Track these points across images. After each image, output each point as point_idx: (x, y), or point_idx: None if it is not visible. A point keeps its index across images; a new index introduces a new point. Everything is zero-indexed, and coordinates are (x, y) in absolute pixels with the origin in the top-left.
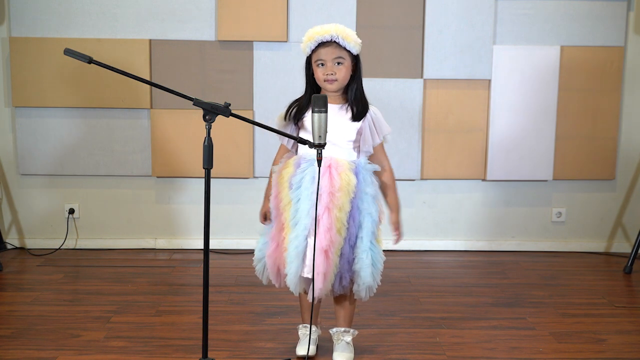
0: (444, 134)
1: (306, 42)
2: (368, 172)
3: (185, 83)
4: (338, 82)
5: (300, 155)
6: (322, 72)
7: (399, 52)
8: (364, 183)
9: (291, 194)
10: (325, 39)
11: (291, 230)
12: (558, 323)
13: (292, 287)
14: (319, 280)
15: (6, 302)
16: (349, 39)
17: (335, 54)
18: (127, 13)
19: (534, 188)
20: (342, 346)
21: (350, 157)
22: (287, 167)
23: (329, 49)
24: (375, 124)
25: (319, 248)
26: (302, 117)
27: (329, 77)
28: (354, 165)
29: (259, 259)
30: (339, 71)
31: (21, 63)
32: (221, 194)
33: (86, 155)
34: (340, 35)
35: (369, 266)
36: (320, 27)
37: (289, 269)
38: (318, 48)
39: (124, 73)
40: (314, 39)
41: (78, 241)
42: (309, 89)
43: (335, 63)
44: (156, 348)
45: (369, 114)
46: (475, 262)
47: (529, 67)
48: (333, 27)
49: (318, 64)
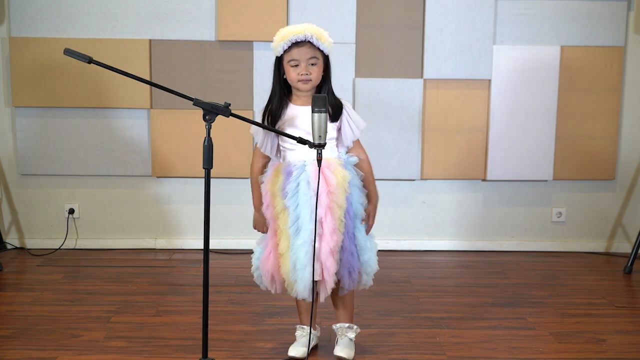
0: (444, 134)
1: (279, 41)
2: (351, 165)
3: (185, 83)
4: (312, 82)
5: (288, 162)
6: (296, 72)
7: (399, 52)
8: (353, 177)
9: (287, 202)
10: (299, 38)
11: (294, 237)
12: (558, 323)
13: (305, 293)
14: (330, 281)
15: (6, 302)
16: (323, 39)
17: (309, 54)
18: (127, 13)
19: (534, 188)
20: (345, 342)
21: (333, 153)
22: (277, 175)
23: (303, 49)
24: (351, 118)
25: (327, 250)
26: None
27: (303, 77)
28: (341, 161)
29: (256, 267)
30: (313, 71)
31: (21, 63)
32: (221, 194)
33: (86, 155)
34: (315, 35)
35: (374, 253)
36: (293, 27)
37: (300, 274)
38: (291, 48)
39: (124, 73)
40: (287, 39)
41: (78, 241)
42: (278, 89)
43: (309, 63)
44: (156, 348)
45: (345, 110)
46: (475, 262)
47: (529, 67)
48: (307, 26)
49: (291, 64)
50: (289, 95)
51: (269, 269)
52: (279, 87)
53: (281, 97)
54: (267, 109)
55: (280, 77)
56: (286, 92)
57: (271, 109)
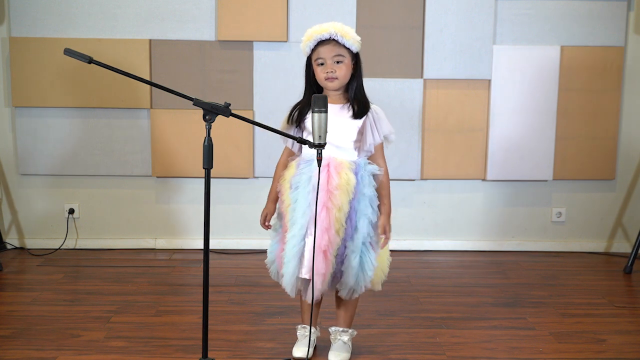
0: (444, 134)
1: (305, 41)
2: (367, 173)
3: (185, 83)
4: (338, 81)
5: (302, 157)
6: (322, 71)
7: (399, 52)
8: (362, 184)
9: (290, 194)
10: (324, 37)
11: (289, 231)
12: (558, 323)
13: (288, 288)
14: (318, 281)
15: (6, 302)
16: (347, 36)
17: (334, 52)
18: (127, 13)
19: (534, 188)
20: (338, 345)
21: (350, 157)
22: (290, 169)
23: (328, 47)
24: (376, 123)
25: (317, 248)
26: (304, 119)
27: (329, 75)
28: (354, 165)
29: (271, 261)
30: (339, 69)
31: (21, 63)
32: (221, 194)
33: (86, 155)
34: (339, 33)
35: (354, 268)
36: (319, 26)
37: (285, 269)
38: (317, 47)
39: (124, 73)
40: (312, 38)
41: (78, 241)
42: (309, 89)
43: (334, 61)
44: (156, 348)
45: (370, 112)
46: (475, 262)
47: (529, 67)
48: (331, 25)
49: (318, 63)
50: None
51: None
52: (309, 87)
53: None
54: (297, 105)
55: (310, 76)
56: (316, 91)
57: (300, 106)
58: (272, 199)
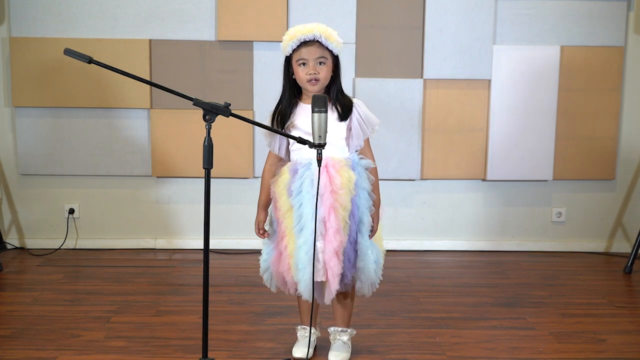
0: (444, 134)
1: (287, 41)
2: (362, 168)
3: (185, 83)
4: (320, 83)
5: (295, 161)
6: (304, 72)
7: (399, 52)
8: (360, 179)
9: (292, 200)
10: (308, 38)
11: (298, 237)
12: (558, 323)
13: (306, 293)
14: (335, 282)
15: (6, 302)
16: (331, 38)
17: (317, 53)
18: (127, 13)
19: (534, 188)
20: (338, 345)
21: (343, 154)
22: (283, 174)
23: (312, 48)
24: (363, 118)
25: (331, 250)
26: (289, 120)
27: (311, 76)
28: (350, 162)
29: (264, 268)
30: (322, 71)
31: (21, 63)
32: (221, 194)
33: (86, 155)
34: (323, 35)
35: (373, 262)
36: (302, 26)
37: (301, 275)
38: (300, 47)
39: (124, 73)
40: (296, 38)
41: (78, 241)
42: (288, 89)
43: (317, 62)
44: (156, 348)
45: (355, 109)
46: (475, 262)
47: (528, 67)
48: (315, 26)
49: (299, 63)
50: (300, 95)
51: (281, 271)
52: (288, 87)
53: (291, 96)
54: (277, 108)
55: (289, 77)
56: (296, 92)
57: (281, 108)
58: (263, 207)
